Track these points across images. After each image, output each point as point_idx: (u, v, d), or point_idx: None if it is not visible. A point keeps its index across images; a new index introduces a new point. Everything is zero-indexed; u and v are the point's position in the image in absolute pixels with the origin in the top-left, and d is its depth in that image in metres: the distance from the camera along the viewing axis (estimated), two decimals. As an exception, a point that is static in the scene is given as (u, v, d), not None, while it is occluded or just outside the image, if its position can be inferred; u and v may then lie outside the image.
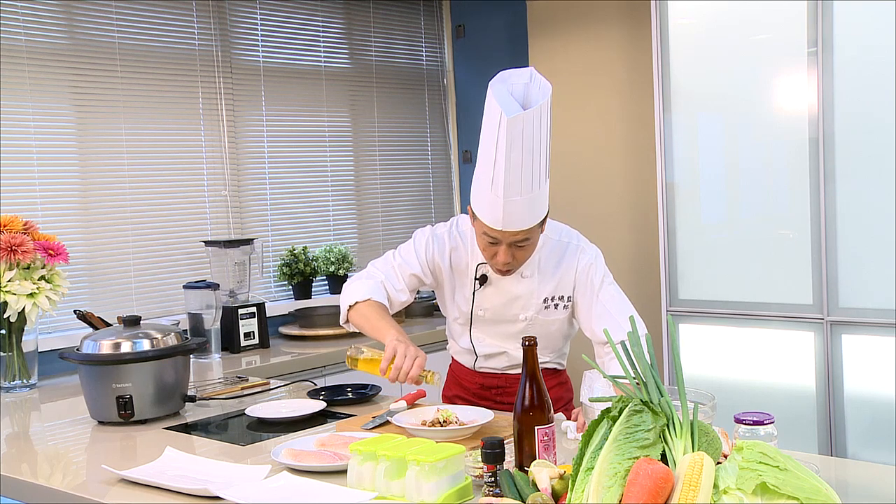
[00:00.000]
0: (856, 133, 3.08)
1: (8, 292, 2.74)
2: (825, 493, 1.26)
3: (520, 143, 2.04)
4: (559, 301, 2.30)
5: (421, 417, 2.03)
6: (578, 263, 2.29)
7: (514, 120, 2.02)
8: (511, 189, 2.06)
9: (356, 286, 2.33)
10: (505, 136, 2.03)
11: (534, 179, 2.08)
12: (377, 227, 4.47)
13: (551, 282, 2.29)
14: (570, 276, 2.29)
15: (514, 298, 2.29)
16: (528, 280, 2.28)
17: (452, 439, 1.88)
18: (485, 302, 2.31)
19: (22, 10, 3.21)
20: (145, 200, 3.57)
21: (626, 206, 4.05)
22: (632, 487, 1.25)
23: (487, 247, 2.18)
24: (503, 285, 2.29)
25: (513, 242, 2.14)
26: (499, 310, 2.31)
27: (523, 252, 2.19)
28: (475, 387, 2.42)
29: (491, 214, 2.11)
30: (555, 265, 2.29)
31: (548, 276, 2.29)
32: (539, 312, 2.29)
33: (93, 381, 2.32)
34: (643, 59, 3.86)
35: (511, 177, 2.05)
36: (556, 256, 2.30)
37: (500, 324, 2.33)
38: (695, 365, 3.48)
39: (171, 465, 1.87)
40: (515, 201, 2.07)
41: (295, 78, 4.11)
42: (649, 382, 1.42)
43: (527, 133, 2.04)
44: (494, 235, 2.14)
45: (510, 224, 2.10)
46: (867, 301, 3.08)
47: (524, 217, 2.10)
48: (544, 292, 2.29)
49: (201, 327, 3.31)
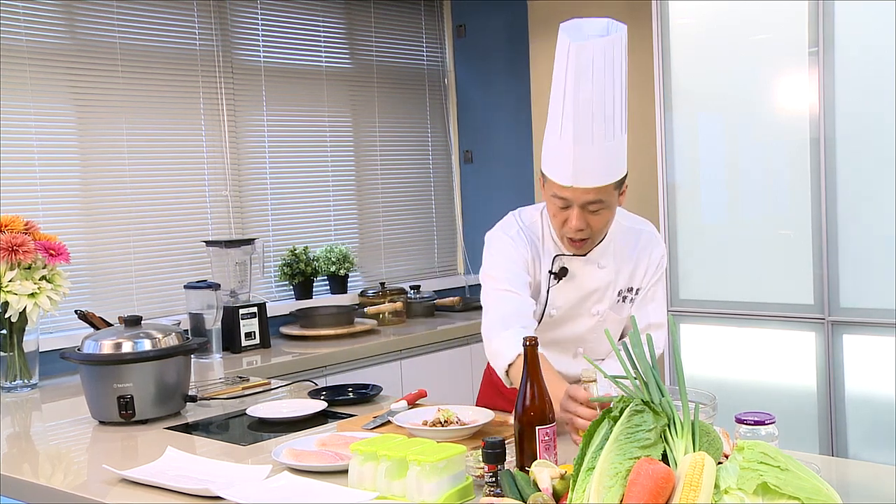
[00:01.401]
0: (857, 133, 3.07)
1: (9, 292, 2.74)
2: (826, 493, 1.25)
3: (590, 74, 1.82)
4: (628, 294, 2.16)
5: (422, 417, 2.02)
6: (652, 254, 2.16)
7: (584, 47, 1.81)
8: (581, 134, 1.86)
9: (500, 347, 2.01)
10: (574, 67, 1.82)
11: (606, 125, 1.87)
12: (378, 227, 4.47)
13: (626, 271, 2.14)
14: (643, 266, 2.15)
15: (590, 292, 2.13)
16: (605, 272, 2.13)
17: (453, 439, 1.88)
18: (559, 299, 2.14)
19: (23, 9, 3.21)
20: (146, 200, 3.57)
21: (627, 206, 4.02)
22: (633, 487, 1.25)
23: (558, 212, 1.99)
24: (580, 279, 2.12)
25: (585, 205, 1.95)
26: (573, 305, 2.15)
27: (598, 219, 1.99)
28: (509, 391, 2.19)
29: (560, 168, 1.92)
30: (630, 253, 2.14)
31: (623, 264, 2.14)
32: (612, 307, 2.16)
33: (94, 381, 2.32)
34: (644, 59, 3.86)
35: (581, 119, 1.85)
36: (632, 245, 2.15)
37: (567, 324, 2.17)
38: (696, 365, 3.48)
39: (171, 465, 1.87)
40: (586, 151, 1.88)
41: (296, 78, 4.11)
42: (650, 382, 1.42)
43: (597, 66, 1.83)
44: (564, 195, 1.95)
45: (581, 178, 1.90)
46: (868, 301, 3.08)
47: (597, 171, 1.90)
48: (620, 284, 2.15)
49: (202, 327, 3.32)
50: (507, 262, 2.12)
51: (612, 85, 1.88)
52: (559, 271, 2.12)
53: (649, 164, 3.89)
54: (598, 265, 2.13)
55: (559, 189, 1.96)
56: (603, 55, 1.86)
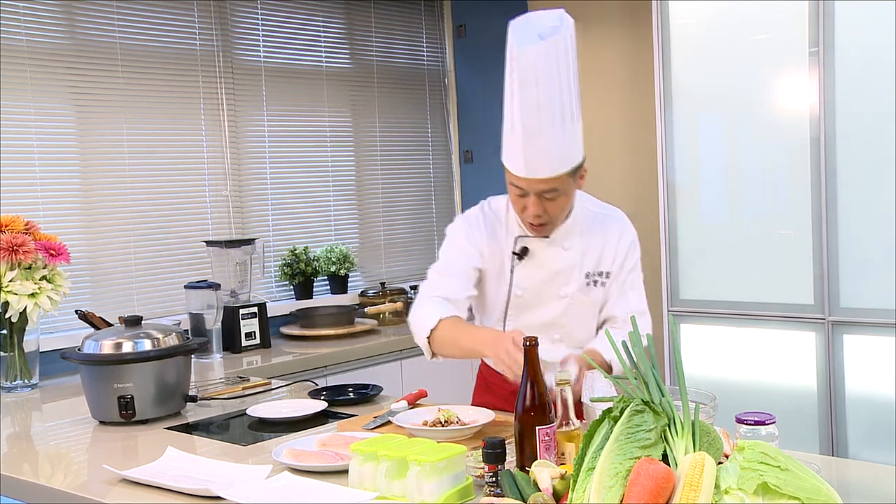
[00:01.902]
0: (857, 133, 3.08)
1: (9, 292, 2.74)
2: (826, 493, 1.25)
3: (532, 78, 1.90)
4: (598, 277, 2.19)
5: (422, 417, 2.02)
6: (621, 238, 2.20)
7: (525, 53, 1.90)
8: (531, 129, 1.93)
9: (420, 315, 2.16)
10: (518, 72, 1.91)
11: (555, 119, 1.94)
12: (378, 227, 4.47)
13: (593, 254, 2.18)
14: (612, 249, 2.19)
15: (555, 273, 2.17)
16: (570, 253, 2.18)
17: (454, 439, 1.88)
18: (524, 280, 2.18)
19: (23, 9, 3.21)
20: (146, 200, 3.57)
21: (628, 206, 4.01)
22: (633, 487, 1.25)
23: (517, 200, 2.07)
24: (544, 259, 2.17)
25: (541, 193, 2.02)
26: (539, 288, 2.19)
27: (554, 206, 2.06)
28: (507, 393, 2.22)
29: (513, 159, 1.99)
30: (598, 237, 2.19)
31: (590, 248, 2.18)
32: (580, 289, 2.18)
33: (94, 381, 2.32)
34: (644, 59, 3.86)
35: (529, 116, 1.92)
36: (599, 227, 2.20)
37: (537, 308, 2.20)
38: (696, 365, 3.48)
39: (172, 465, 1.87)
40: (537, 143, 1.94)
41: (296, 78, 4.11)
42: (650, 382, 1.42)
43: (540, 68, 1.90)
44: (520, 185, 2.02)
45: (534, 169, 1.97)
46: (868, 301, 3.08)
47: (550, 162, 1.97)
48: (587, 265, 2.18)
49: (202, 327, 3.32)
50: (455, 251, 2.22)
51: (559, 82, 1.94)
52: (520, 251, 2.18)
53: (649, 164, 3.89)
54: (562, 247, 2.18)
55: (515, 178, 2.03)
56: (546, 57, 1.92)
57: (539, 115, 1.93)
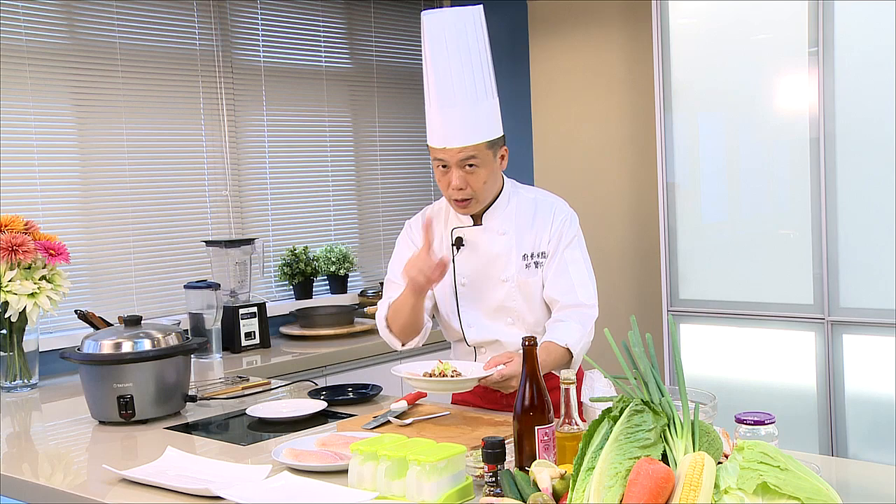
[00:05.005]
0: (856, 133, 3.08)
1: (9, 292, 2.74)
2: (826, 493, 1.25)
3: (443, 45, 2.07)
4: (537, 258, 2.28)
5: (423, 369, 2.09)
6: (554, 218, 2.29)
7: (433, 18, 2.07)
8: (445, 98, 2.10)
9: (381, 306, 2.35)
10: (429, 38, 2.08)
11: (468, 89, 2.10)
12: (378, 227, 4.47)
13: (529, 236, 2.28)
14: (545, 230, 2.28)
15: (493, 258, 2.27)
16: (506, 237, 2.27)
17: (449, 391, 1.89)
18: (465, 268, 2.29)
19: (23, 9, 3.21)
20: (146, 200, 3.58)
21: (627, 205, 4.05)
22: (633, 487, 1.25)
23: (442, 177, 2.20)
24: (480, 245, 2.28)
25: (461, 163, 2.14)
26: (480, 273, 2.28)
27: (475, 178, 2.17)
28: (480, 389, 2.31)
29: (433, 132, 2.15)
30: (531, 219, 2.29)
31: (524, 230, 2.28)
32: (520, 272, 2.26)
33: (94, 380, 2.32)
34: (644, 58, 3.86)
35: (442, 84, 2.09)
36: (532, 211, 2.30)
37: (483, 294, 2.29)
38: (696, 365, 3.48)
39: (171, 464, 1.87)
40: (451, 113, 2.10)
41: (296, 78, 4.11)
42: (650, 382, 1.42)
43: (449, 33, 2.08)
44: (440, 157, 2.16)
45: (451, 139, 2.12)
46: (868, 301, 3.08)
47: (465, 131, 2.11)
48: (523, 248, 2.27)
49: (202, 327, 3.32)
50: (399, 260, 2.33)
51: (469, 51, 2.11)
52: (455, 241, 2.30)
53: (649, 164, 3.89)
54: (497, 232, 2.28)
55: (435, 151, 2.17)
56: (455, 23, 2.10)
57: (452, 84, 2.09)
